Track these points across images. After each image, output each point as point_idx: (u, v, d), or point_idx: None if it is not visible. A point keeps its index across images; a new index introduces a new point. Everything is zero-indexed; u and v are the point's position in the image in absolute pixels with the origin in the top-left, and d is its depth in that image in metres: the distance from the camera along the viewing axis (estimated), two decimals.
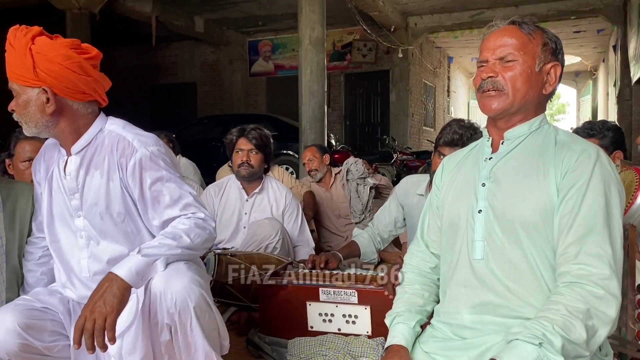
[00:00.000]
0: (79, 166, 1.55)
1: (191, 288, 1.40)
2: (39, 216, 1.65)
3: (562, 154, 1.20)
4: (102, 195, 1.53)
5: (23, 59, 1.43)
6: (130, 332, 1.46)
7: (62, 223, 1.58)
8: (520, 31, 1.24)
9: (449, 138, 2.15)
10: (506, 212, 1.21)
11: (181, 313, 1.39)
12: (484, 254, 1.23)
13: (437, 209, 1.42)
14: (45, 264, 1.67)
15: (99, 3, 8.50)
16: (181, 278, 1.40)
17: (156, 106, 13.25)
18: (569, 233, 1.14)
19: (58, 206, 1.58)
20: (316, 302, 1.96)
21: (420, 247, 1.46)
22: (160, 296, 1.38)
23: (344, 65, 12.12)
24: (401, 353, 1.28)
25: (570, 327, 1.04)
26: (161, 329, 1.42)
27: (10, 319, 1.36)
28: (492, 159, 1.29)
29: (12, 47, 1.44)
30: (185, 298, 1.39)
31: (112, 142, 1.54)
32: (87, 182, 1.54)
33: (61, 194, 1.57)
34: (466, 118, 2.33)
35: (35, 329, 1.40)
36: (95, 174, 1.54)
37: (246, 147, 2.84)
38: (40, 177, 1.63)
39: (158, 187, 1.52)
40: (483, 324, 1.22)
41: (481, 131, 2.24)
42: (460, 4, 10.29)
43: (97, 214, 1.53)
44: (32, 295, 1.53)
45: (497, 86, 1.24)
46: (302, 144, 7.03)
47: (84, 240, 1.55)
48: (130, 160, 1.51)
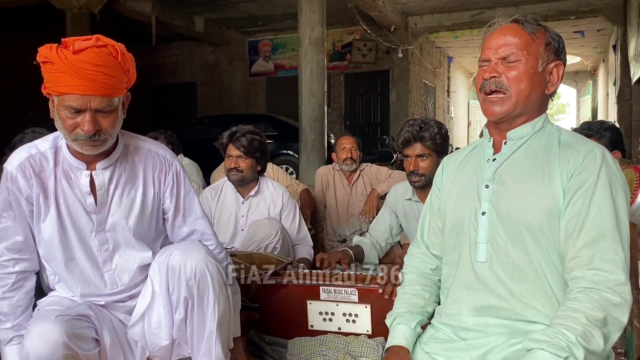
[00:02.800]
0: (109, 181, 1.51)
1: (208, 260, 1.49)
2: (16, 236, 1.49)
3: (568, 155, 1.19)
4: (137, 210, 1.55)
5: (118, 68, 1.39)
6: (152, 312, 1.52)
7: (80, 239, 1.51)
8: (523, 30, 1.22)
9: (402, 139, 2.29)
10: (511, 214, 1.20)
11: (200, 283, 1.47)
12: (488, 256, 1.22)
13: (438, 210, 1.41)
14: (20, 288, 1.52)
15: (99, 3, 8.49)
16: (199, 250, 1.49)
17: (156, 106, 13.24)
18: (580, 236, 1.13)
19: (73, 223, 1.50)
20: (317, 300, 1.96)
21: (421, 249, 1.46)
22: (180, 268, 1.46)
23: (344, 65, 12.12)
24: (402, 354, 1.27)
25: (590, 337, 1.03)
26: (177, 306, 1.48)
27: (58, 332, 1.32)
28: (495, 160, 1.27)
29: (109, 60, 1.37)
30: (204, 269, 1.46)
31: (144, 157, 1.57)
32: (116, 196, 1.52)
33: (78, 210, 1.50)
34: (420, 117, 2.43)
35: (79, 338, 1.38)
36: (128, 189, 1.54)
37: (234, 153, 2.79)
38: (32, 193, 1.47)
39: (190, 199, 1.66)
40: (486, 326, 1.21)
41: (434, 120, 2.30)
42: (460, 4, 10.28)
43: (127, 227, 1.53)
44: (58, 305, 1.47)
45: (500, 86, 1.22)
46: (302, 144, 7.03)
47: (108, 253, 1.53)
48: (168, 174, 1.60)
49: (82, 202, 1.50)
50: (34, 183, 1.47)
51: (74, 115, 1.37)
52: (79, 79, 1.33)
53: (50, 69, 1.36)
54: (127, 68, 1.43)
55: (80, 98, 1.35)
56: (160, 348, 1.56)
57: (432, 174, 2.24)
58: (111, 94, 1.39)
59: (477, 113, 19.31)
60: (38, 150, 1.50)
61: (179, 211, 1.64)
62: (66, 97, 1.36)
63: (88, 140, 1.39)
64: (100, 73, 1.35)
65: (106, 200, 1.51)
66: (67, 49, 1.35)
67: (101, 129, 1.40)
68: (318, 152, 7.04)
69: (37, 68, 1.44)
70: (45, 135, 2.25)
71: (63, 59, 1.33)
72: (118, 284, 1.56)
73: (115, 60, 1.39)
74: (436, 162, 2.26)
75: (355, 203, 3.69)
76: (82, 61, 1.33)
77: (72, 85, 1.34)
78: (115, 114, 1.43)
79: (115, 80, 1.39)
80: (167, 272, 1.48)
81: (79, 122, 1.37)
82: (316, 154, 7.03)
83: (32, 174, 1.47)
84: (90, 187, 1.49)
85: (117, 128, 1.46)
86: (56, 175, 1.49)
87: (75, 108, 1.36)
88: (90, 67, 1.33)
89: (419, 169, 2.27)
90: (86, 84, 1.34)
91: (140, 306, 1.54)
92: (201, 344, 1.52)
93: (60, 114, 1.39)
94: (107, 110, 1.39)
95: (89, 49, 1.35)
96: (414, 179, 2.30)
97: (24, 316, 1.51)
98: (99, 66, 1.35)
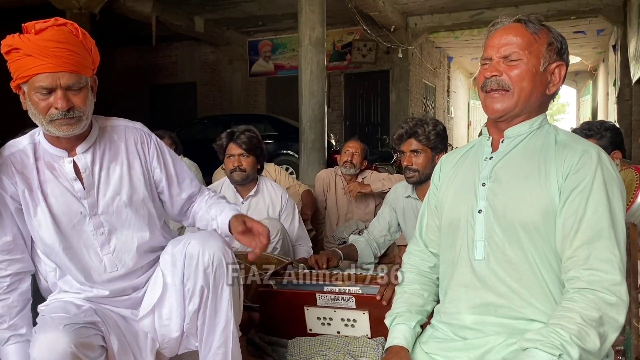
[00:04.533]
0: (92, 163, 1.53)
1: (225, 250, 1.52)
2: (3, 236, 1.49)
3: (563, 154, 1.19)
4: (125, 185, 1.56)
5: (81, 46, 1.45)
6: (163, 304, 1.52)
7: (73, 226, 1.52)
8: (526, 30, 1.23)
9: (396, 135, 2.35)
10: (507, 213, 1.20)
11: (217, 270, 1.49)
12: (485, 254, 1.23)
13: (435, 208, 1.41)
14: (15, 290, 1.51)
15: (99, 3, 8.49)
16: (216, 240, 1.52)
17: (156, 106, 13.24)
18: (576, 236, 1.13)
19: (63, 211, 1.51)
20: (314, 307, 1.96)
21: (419, 247, 1.46)
22: (198, 256, 1.48)
23: (344, 65, 12.12)
24: (401, 354, 1.27)
25: (585, 337, 1.03)
26: (191, 296, 1.49)
27: (66, 342, 1.31)
28: (492, 159, 1.28)
29: (70, 37, 1.43)
30: (221, 257, 1.49)
31: (122, 133, 1.60)
32: (103, 177, 1.54)
33: (66, 198, 1.51)
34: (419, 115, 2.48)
35: (86, 347, 1.37)
36: (113, 166, 1.56)
37: (236, 152, 2.80)
38: (17, 190, 1.48)
39: (179, 165, 1.70)
40: (484, 325, 1.21)
41: (431, 118, 2.33)
42: (460, 4, 10.28)
43: (121, 205, 1.55)
44: (65, 312, 1.44)
45: (501, 85, 1.22)
46: (302, 144, 7.03)
47: (104, 237, 1.54)
48: (150, 145, 1.63)
49: (70, 189, 1.51)
50: (17, 180, 1.49)
51: (46, 96, 1.40)
52: (46, 57, 1.37)
53: (16, 57, 1.40)
54: (89, 47, 1.48)
55: (49, 76, 1.38)
56: (170, 340, 1.56)
57: (426, 170, 2.27)
58: (78, 71, 1.43)
59: (477, 113, 19.31)
60: (17, 148, 1.52)
61: (172, 179, 1.68)
62: (35, 78, 1.39)
63: (64, 119, 1.41)
64: (65, 50, 1.40)
65: (93, 182, 1.53)
66: (29, 33, 1.40)
67: (74, 106, 1.42)
68: (318, 152, 7.04)
69: None
70: None
71: (27, 42, 1.38)
72: (118, 266, 1.56)
73: (76, 38, 1.44)
74: (431, 159, 2.28)
75: (354, 209, 3.72)
76: (45, 39, 1.38)
77: (39, 65, 1.38)
78: (86, 92, 1.46)
79: (80, 57, 1.44)
80: (185, 260, 1.49)
81: (52, 102, 1.40)
82: (316, 154, 7.02)
83: (15, 172, 1.49)
84: (75, 173, 1.51)
85: (89, 107, 1.48)
86: (38, 168, 1.51)
87: (46, 87, 1.39)
88: (54, 44, 1.38)
89: (413, 165, 2.29)
90: (53, 61, 1.38)
91: (151, 299, 1.54)
92: (213, 336, 1.52)
93: (32, 98, 1.42)
94: (77, 88, 1.43)
95: (49, 28, 1.41)
96: (409, 174, 2.32)
97: (19, 316, 1.51)
98: (62, 43, 1.40)
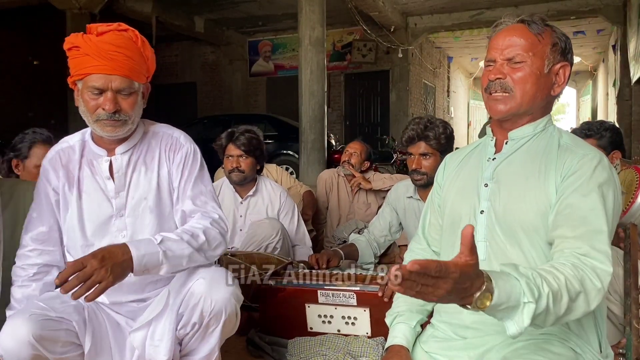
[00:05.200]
0: (127, 165, 1.56)
1: (230, 302, 1.47)
2: (40, 226, 1.55)
3: (564, 157, 1.18)
4: (153, 189, 1.58)
5: (139, 53, 1.50)
6: (159, 323, 1.50)
7: (98, 225, 1.54)
8: (529, 31, 1.21)
9: (406, 136, 2.30)
10: (507, 214, 1.20)
11: (212, 320, 1.46)
12: (486, 254, 1.22)
13: (438, 207, 1.41)
14: (39, 280, 1.54)
15: (99, 3, 8.50)
16: (224, 289, 1.47)
17: (156, 106, 13.20)
18: (574, 228, 1.10)
19: (92, 209, 1.54)
20: (315, 304, 1.96)
21: (422, 245, 1.46)
22: (201, 298, 1.45)
23: (344, 65, 12.12)
24: (402, 353, 1.27)
25: (558, 299, 0.98)
26: (184, 324, 1.48)
27: (26, 330, 1.31)
28: (495, 160, 1.27)
29: (129, 43, 1.48)
30: (222, 309, 1.46)
31: (159, 140, 1.63)
32: (134, 179, 1.57)
33: (98, 195, 1.55)
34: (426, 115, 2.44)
35: (49, 340, 1.36)
36: (143, 170, 1.58)
37: (235, 152, 2.79)
38: (59, 184, 1.55)
39: (196, 181, 1.64)
40: (484, 324, 1.21)
41: (439, 120, 2.31)
42: (460, 4, 10.28)
43: (146, 209, 1.56)
44: (46, 303, 1.44)
45: (505, 88, 1.22)
46: (302, 144, 7.03)
47: (126, 240, 1.53)
48: (177, 153, 1.62)
49: (103, 188, 1.55)
50: (61, 174, 1.56)
51: (97, 96, 1.46)
52: (102, 59, 1.44)
53: (75, 54, 1.46)
54: (147, 55, 1.54)
55: (102, 77, 1.45)
56: None
57: (434, 173, 2.24)
58: (131, 76, 1.49)
59: (477, 113, 19.31)
60: (68, 144, 1.60)
61: (180, 189, 1.62)
62: (89, 78, 1.45)
63: (109, 120, 1.47)
64: (121, 54, 1.46)
65: (124, 183, 1.56)
66: (91, 33, 1.47)
67: (121, 109, 1.48)
68: (318, 152, 7.04)
69: (37, 68, 1.48)
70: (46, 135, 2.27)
71: (87, 42, 1.45)
72: None
73: (135, 45, 1.50)
74: (439, 162, 2.26)
75: (356, 210, 3.71)
76: (104, 42, 1.45)
77: (95, 66, 1.44)
78: (135, 97, 1.52)
79: (135, 63, 1.49)
80: (187, 294, 1.47)
81: (101, 102, 1.46)
82: (316, 154, 7.03)
83: (60, 166, 1.57)
84: (110, 173, 1.55)
85: (136, 112, 1.53)
86: (81, 165, 1.57)
87: (98, 88, 1.45)
88: (112, 47, 1.45)
89: (422, 168, 2.27)
90: (108, 63, 1.44)
91: (150, 313, 1.52)
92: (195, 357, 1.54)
93: (84, 96, 1.48)
94: (127, 92, 1.49)
95: (111, 32, 1.48)
96: (416, 177, 2.30)
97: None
98: (120, 47, 1.46)
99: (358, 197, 3.74)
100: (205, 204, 1.60)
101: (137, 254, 1.35)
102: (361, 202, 3.73)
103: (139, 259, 1.36)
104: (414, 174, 2.30)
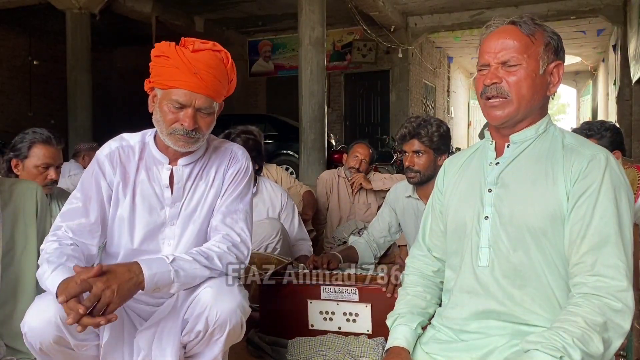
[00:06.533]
0: (187, 177, 1.57)
1: (235, 313, 1.45)
2: (83, 217, 1.50)
3: (572, 159, 1.17)
4: (207, 204, 1.58)
5: (225, 75, 1.50)
6: (166, 324, 1.50)
7: (148, 231, 1.55)
8: (521, 32, 1.20)
9: (399, 134, 2.33)
10: (514, 218, 1.19)
11: (216, 330, 1.45)
12: (489, 261, 1.21)
13: (440, 212, 1.40)
14: (76, 249, 1.47)
15: (99, 3, 8.50)
16: (231, 301, 1.45)
17: None
18: (583, 242, 1.12)
19: (143, 214, 1.54)
20: (317, 300, 1.96)
21: (423, 251, 1.45)
22: (207, 308, 1.43)
23: (344, 65, 12.12)
24: (402, 355, 1.27)
25: (589, 340, 1.02)
26: (189, 331, 1.47)
27: (53, 311, 1.32)
28: (498, 164, 1.26)
29: (220, 65, 1.48)
30: (227, 320, 1.44)
31: (219, 155, 1.63)
32: (191, 191, 1.57)
33: (153, 202, 1.55)
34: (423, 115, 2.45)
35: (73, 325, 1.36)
36: (202, 184, 1.59)
37: None
38: (114, 180, 1.55)
39: (236, 199, 1.61)
40: (488, 328, 1.21)
41: (435, 119, 2.31)
42: (460, 4, 10.29)
43: (197, 220, 1.57)
44: None
45: (502, 92, 1.20)
46: (302, 144, 7.03)
47: (171, 249, 1.55)
48: (231, 167, 1.62)
49: (159, 195, 1.55)
50: (117, 171, 1.55)
51: (177, 110, 1.46)
52: (192, 76, 1.43)
53: (162, 63, 1.46)
54: (231, 77, 1.54)
55: (187, 94, 1.44)
56: None
57: (428, 171, 2.26)
58: (214, 97, 1.48)
59: (477, 113, 19.31)
60: (128, 143, 1.59)
61: (218, 203, 1.60)
62: (173, 91, 1.45)
63: (184, 136, 1.47)
64: (211, 75, 1.45)
65: (182, 194, 1.56)
66: (185, 47, 1.46)
67: (198, 128, 1.48)
68: (318, 152, 7.05)
69: (37, 68, 1.45)
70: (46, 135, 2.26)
71: (180, 55, 1.44)
72: None
73: (224, 66, 1.50)
74: (433, 160, 2.27)
75: (356, 211, 3.71)
76: (198, 60, 1.44)
77: (182, 81, 1.43)
78: (213, 117, 1.52)
79: (220, 85, 1.49)
80: (193, 300, 1.46)
81: (180, 117, 1.46)
82: (316, 154, 7.03)
83: (119, 163, 1.56)
84: (169, 182, 1.55)
85: (209, 131, 1.54)
86: (139, 167, 1.56)
87: (180, 103, 1.45)
88: (205, 67, 1.44)
89: (415, 165, 2.28)
90: (196, 81, 1.44)
91: (159, 314, 1.52)
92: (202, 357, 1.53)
93: (162, 107, 1.47)
94: (207, 112, 1.49)
95: (206, 50, 1.47)
96: (410, 174, 2.31)
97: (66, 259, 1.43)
98: (211, 67, 1.46)
99: (358, 198, 3.74)
100: (234, 224, 1.58)
101: (149, 272, 1.36)
102: (361, 202, 3.73)
103: (150, 277, 1.36)
104: (408, 171, 2.32)
